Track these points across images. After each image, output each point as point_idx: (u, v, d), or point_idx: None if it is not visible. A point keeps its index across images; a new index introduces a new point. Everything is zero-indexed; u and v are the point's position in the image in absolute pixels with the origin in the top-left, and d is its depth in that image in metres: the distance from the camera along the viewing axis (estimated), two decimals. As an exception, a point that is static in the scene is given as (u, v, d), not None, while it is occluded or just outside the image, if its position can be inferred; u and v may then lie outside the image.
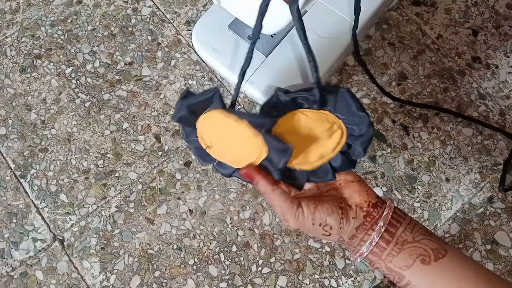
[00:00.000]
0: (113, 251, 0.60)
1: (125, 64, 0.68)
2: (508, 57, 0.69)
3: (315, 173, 0.39)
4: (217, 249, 0.60)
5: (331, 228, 0.36)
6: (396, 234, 0.36)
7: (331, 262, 0.60)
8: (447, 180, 0.63)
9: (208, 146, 0.39)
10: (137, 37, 0.70)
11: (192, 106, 0.37)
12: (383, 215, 0.36)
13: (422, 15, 0.71)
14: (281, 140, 0.36)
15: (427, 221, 0.61)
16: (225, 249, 0.60)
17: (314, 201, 0.37)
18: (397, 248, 0.35)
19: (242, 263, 0.60)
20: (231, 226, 0.61)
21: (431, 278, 0.34)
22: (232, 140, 0.37)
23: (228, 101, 0.39)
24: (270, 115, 0.38)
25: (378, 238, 0.35)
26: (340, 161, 0.38)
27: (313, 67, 0.36)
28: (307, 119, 0.37)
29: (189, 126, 0.39)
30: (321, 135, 0.37)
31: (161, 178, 0.63)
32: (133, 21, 0.71)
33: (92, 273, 0.59)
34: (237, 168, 0.39)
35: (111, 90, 0.67)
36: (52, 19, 0.71)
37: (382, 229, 0.35)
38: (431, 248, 0.35)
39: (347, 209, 0.36)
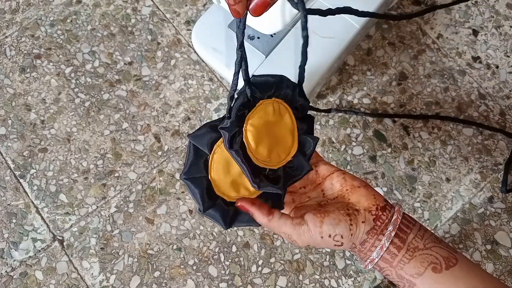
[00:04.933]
0: (112, 251, 0.60)
1: (124, 64, 0.68)
2: (508, 57, 0.69)
3: (294, 171, 0.38)
4: (217, 249, 0.60)
5: (342, 237, 0.35)
6: (407, 241, 0.35)
7: (331, 263, 0.59)
8: (448, 180, 0.63)
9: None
10: (136, 36, 0.70)
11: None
12: (393, 219, 0.35)
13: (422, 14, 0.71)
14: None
15: (428, 221, 0.61)
16: (225, 249, 0.60)
17: (320, 214, 0.36)
18: (409, 255, 0.35)
19: (242, 264, 0.59)
20: (231, 226, 0.61)
21: (441, 286, 0.34)
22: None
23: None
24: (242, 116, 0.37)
25: (388, 243, 0.35)
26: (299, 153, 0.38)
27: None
28: (274, 112, 0.38)
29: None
30: (284, 130, 0.38)
31: (160, 178, 0.63)
32: (133, 20, 0.71)
33: (92, 273, 0.59)
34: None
35: (110, 90, 0.67)
36: (51, 19, 0.71)
37: (392, 234, 0.35)
38: (442, 256, 0.35)
39: (355, 215, 0.36)
